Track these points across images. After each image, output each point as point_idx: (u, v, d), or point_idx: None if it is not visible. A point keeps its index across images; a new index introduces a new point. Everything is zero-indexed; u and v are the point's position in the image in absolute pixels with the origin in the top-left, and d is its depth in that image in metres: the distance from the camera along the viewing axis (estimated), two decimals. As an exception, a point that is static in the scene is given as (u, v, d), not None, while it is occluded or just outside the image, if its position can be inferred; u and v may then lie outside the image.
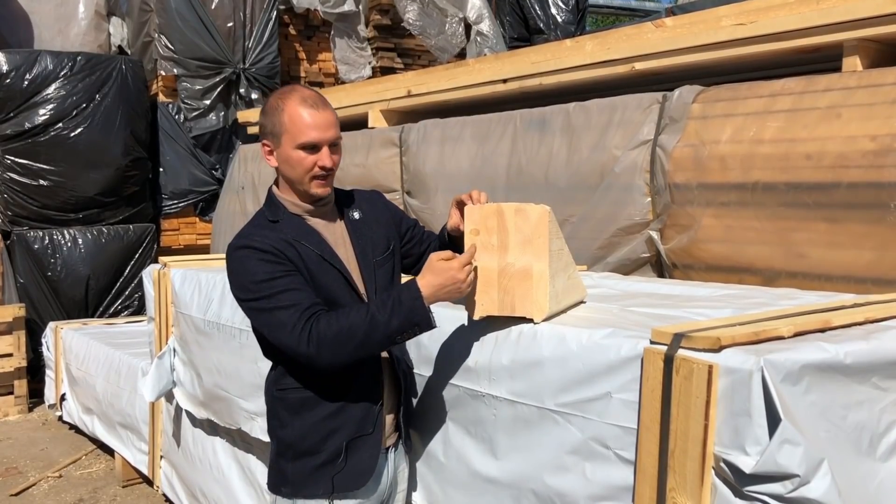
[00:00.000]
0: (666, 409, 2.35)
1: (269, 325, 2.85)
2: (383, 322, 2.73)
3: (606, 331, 2.70)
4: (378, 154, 7.07)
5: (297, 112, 2.88)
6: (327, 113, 2.93)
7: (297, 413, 3.00)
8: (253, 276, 2.84)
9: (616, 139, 4.99)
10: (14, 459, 7.83)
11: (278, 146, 2.95)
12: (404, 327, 2.76)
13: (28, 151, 10.03)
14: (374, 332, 2.74)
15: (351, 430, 2.99)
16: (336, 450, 2.97)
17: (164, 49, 10.83)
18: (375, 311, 2.74)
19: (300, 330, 2.75)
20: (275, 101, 2.94)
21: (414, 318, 2.74)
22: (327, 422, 2.97)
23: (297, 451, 3.01)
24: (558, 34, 14.71)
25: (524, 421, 2.89)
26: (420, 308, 2.74)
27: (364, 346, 2.77)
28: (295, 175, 2.95)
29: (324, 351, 2.76)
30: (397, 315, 2.73)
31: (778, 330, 2.45)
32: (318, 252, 2.93)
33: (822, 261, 4.04)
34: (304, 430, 2.99)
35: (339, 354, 2.77)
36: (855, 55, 4.42)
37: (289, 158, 2.93)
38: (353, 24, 12.64)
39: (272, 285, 2.81)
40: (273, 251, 2.85)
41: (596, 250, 5.03)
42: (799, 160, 4.10)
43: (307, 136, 2.88)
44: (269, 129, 2.96)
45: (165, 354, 5.37)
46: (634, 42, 5.66)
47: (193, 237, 11.34)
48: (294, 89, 2.95)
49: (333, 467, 2.98)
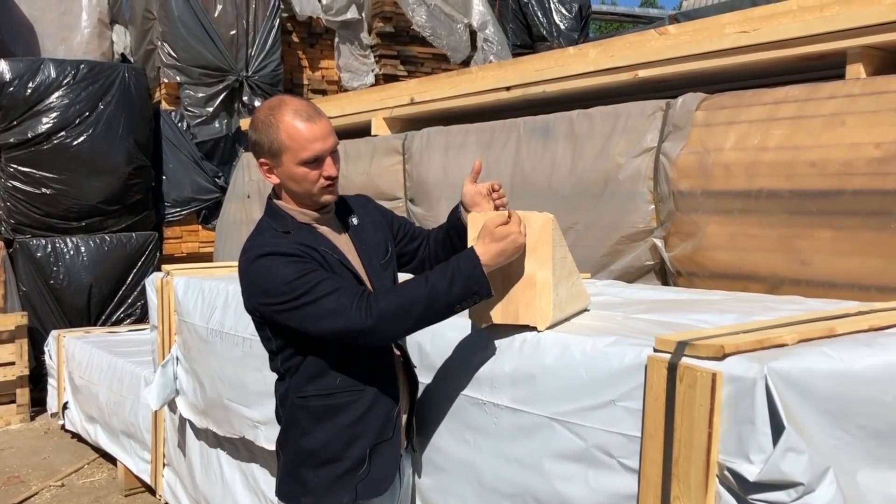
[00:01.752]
0: (670, 418, 2.34)
1: (316, 317, 2.76)
2: (443, 291, 2.70)
3: (610, 339, 2.70)
4: (381, 162, 7.06)
5: (293, 127, 2.82)
6: (323, 121, 2.87)
7: (318, 421, 2.95)
8: (284, 278, 2.77)
9: (620, 146, 4.98)
10: (16, 468, 7.81)
11: (279, 165, 2.89)
12: (464, 295, 2.73)
13: (31, 160, 10.02)
14: (435, 301, 2.71)
15: (373, 436, 2.96)
16: (360, 457, 2.94)
17: (167, 57, 10.86)
18: (435, 280, 2.72)
19: (355, 307, 2.71)
20: (266, 117, 2.87)
21: (473, 286, 2.71)
22: (350, 428, 2.94)
23: (319, 460, 2.97)
24: (561, 41, 14.73)
25: (526, 429, 2.88)
26: (480, 276, 2.71)
27: (424, 316, 2.75)
28: (303, 190, 2.91)
29: (383, 323, 2.71)
30: (458, 283, 2.70)
31: (782, 338, 2.44)
32: (337, 257, 2.91)
33: (826, 268, 4.03)
34: (326, 437, 2.95)
35: (399, 326, 2.77)
36: (858, 62, 4.42)
37: (293, 175, 2.88)
38: (356, 31, 12.66)
39: (306, 280, 2.75)
40: (298, 253, 2.80)
41: (600, 258, 5.02)
42: (803, 167, 4.09)
43: (310, 150, 2.83)
44: (266, 147, 2.87)
45: (169, 363, 5.36)
46: (638, 49, 5.66)
47: (196, 245, 11.33)
48: (283, 102, 2.88)
49: (357, 475, 2.94)
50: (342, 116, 8.25)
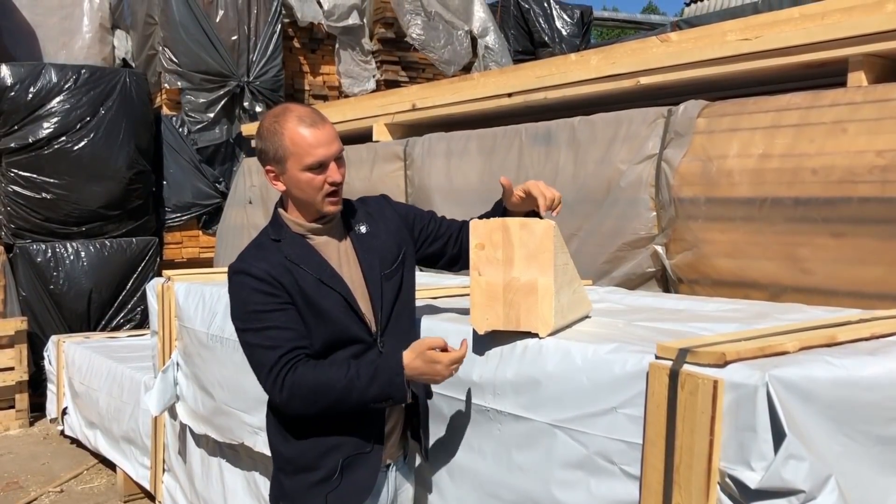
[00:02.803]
0: (671, 425, 2.34)
1: (251, 360, 2.94)
2: (361, 387, 2.78)
3: (612, 346, 2.69)
4: (383, 168, 7.06)
5: (297, 133, 2.83)
6: (327, 128, 2.89)
7: (297, 429, 2.99)
8: (245, 306, 2.89)
9: (621, 153, 4.98)
10: (15, 474, 7.81)
11: (284, 171, 2.90)
12: (380, 398, 2.81)
13: (32, 164, 10.02)
14: (349, 394, 2.79)
15: (349, 449, 2.97)
16: (332, 468, 2.96)
17: (169, 62, 10.85)
18: (355, 374, 2.78)
19: (275, 375, 2.81)
20: (271, 125, 2.89)
21: (390, 391, 2.79)
22: (327, 439, 2.96)
23: (295, 467, 3.01)
24: (563, 48, 14.77)
25: (528, 436, 2.87)
26: (399, 385, 2.78)
27: (336, 405, 2.83)
28: (307, 196, 2.92)
29: (295, 401, 2.84)
30: (377, 384, 2.78)
31: (783, 345, 2.44)
32: (316, 276, 2.91)
33: (828, 277, 4.02)
34: (303, 446, 2.99)
35: (310, 407, 2.85)
36: (860, 70, 4.41)
37: (298, 182, 2.89)
38: (358, 37, 12.66)
39: (261, 318, 2.86)
40: (269, 279, 2.86)
41: (601, 265, 5.02)
42: (805, 175, 4.09)
43: (313, 156, 2.84)
44: (272, 154, 2.90)
45: (169, 368, 5.35)
46: (639, 56, 5.66)
47: (196, 250, 11.32)
48: (287, 109, 2.91)
49: (328, 485, 2.96)
50: (343, 122, 8.24)
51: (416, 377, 2.80)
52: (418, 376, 2.80)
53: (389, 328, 3.05)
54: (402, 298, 3.12)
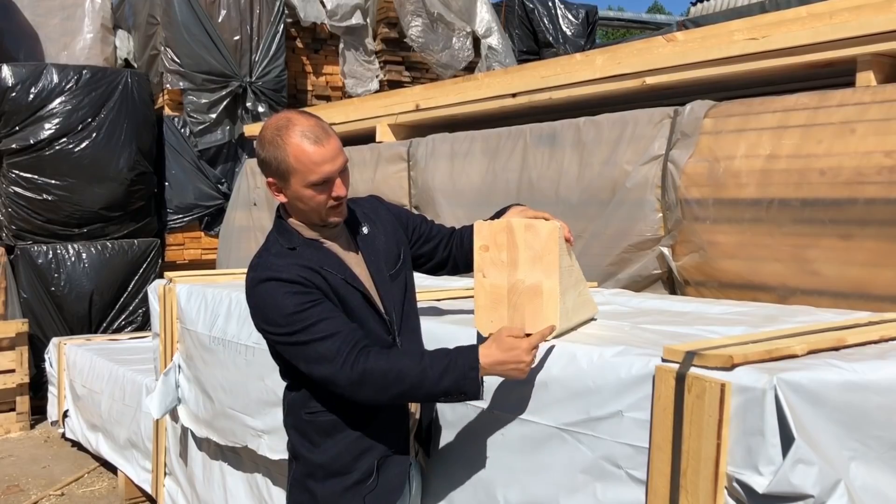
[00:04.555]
0: (678, 428, 2.33)
1: (307, 358, 2.79)
2: (433, 379, 2.69)
3: (618, 349, 2.68)
4: (386, 169, 7.04)
5: (301, 150, 2.76)
6: (331, 142, 2.82)
7: (328, 435, 2.94)
8: (283, 310, 2.77)
9: (627, 154, 4.95)
10: (16, 477, 7.80)
11: (287, 186, 2.85)
12: (451, 391, 2.72)
13: (33, 165, 10.03)
14: (421, 385, 2.71)
15: (382, 449, 2.95)
16: (368, 469, 2.93)
17: (171, 62, 10.85)
18: (428, 364, 2.70)
19: (344, 360, 2.71)
20: (272, 136, 2.82)
21: (464, 386, 2.70)
22: (359, 442, 2.93)
23: (328, 472, 2.96)
24: (568, 48, 14.77)
25: (533, 440, 2.86)
26: (473, 379, 2.69)
27: (406, 394, 2.76)
28: (311, 210, 2.88)
29: (366, 387, 2.73)
30: (449, 378, 2.69)
31: (791, 348, 2.44)
32: (341, 276, 2.88)
33: (837, 278, 3.99)
34: (336, 450, 2.94)
35: (381, 394, 2.75)
36: (868, 70, 4.38)
37: (301, 197, 2.84)
38: (361, 37, 12.66)
39: (305, 317, 2.75)
40: (300, 281, 2.79)
41: (607, 267, 4.99)
42: (813, 176, 4.06)
43: (318, 173, 2.78)
44: (274, 168, 2.83)
45: (171, 371, 5.33)
46: (645, 56, 5.63)
47: (198, 252, 11.32)
48: (291, 121, 2.81)
49: (365, 487, 2.93)
50: (346, 123, 8.24)
51: (494, 368, 2.71)
52: (497, 366, 2.70)
53: (402, 327, 3.05)
54: (408, 297, 3.12)
